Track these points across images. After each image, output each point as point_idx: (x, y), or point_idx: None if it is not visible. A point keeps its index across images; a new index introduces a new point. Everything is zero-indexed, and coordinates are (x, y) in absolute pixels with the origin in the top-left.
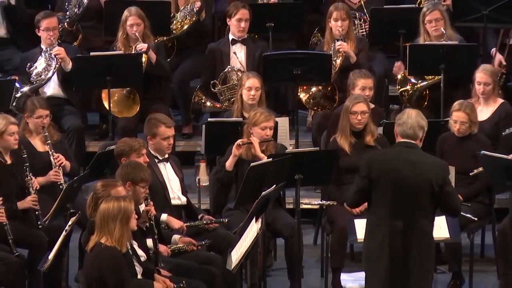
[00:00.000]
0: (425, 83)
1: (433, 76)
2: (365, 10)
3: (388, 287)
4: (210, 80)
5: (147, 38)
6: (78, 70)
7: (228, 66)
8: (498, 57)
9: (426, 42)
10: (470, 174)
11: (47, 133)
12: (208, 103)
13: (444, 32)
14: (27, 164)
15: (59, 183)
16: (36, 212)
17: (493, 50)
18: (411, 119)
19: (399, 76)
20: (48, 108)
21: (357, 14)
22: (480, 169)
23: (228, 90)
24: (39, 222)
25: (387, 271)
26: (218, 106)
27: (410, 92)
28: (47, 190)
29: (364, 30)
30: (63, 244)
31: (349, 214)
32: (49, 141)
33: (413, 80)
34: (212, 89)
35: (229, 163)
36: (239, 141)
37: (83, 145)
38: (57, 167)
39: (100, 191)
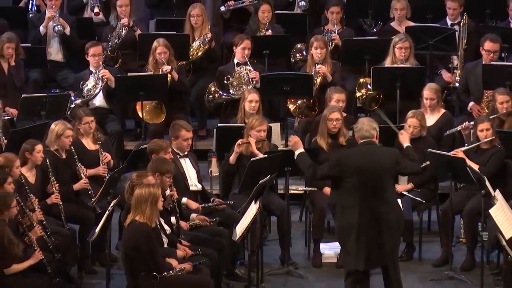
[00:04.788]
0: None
1: None
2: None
3: (361, 255)
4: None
5: (171, 62)
6: (118, 87)
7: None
8: (447, 75)
9: (386, 65)
10: (420, 166)
11: (99, 135)
12: (221, 92)
13: (404, 59)
14: (76, 157)
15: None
16: (89, 192)
17: (441, 70)
18: (365, 125)
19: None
20: (92, 115)
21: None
22: (428, 162)
23: (237, 81)
24: (89, 204)
25: (359, 243)
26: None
27: (364, 96)
28: (94, 180)
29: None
30: (106, 221)
31: (326, 197)
32: (100, 142)
33: (369, 86)
34: (225, 82)
35: (232, 158)
36: (239, 141)
37: (122, 144)
38: (104, 164)
39: (135, 180)
